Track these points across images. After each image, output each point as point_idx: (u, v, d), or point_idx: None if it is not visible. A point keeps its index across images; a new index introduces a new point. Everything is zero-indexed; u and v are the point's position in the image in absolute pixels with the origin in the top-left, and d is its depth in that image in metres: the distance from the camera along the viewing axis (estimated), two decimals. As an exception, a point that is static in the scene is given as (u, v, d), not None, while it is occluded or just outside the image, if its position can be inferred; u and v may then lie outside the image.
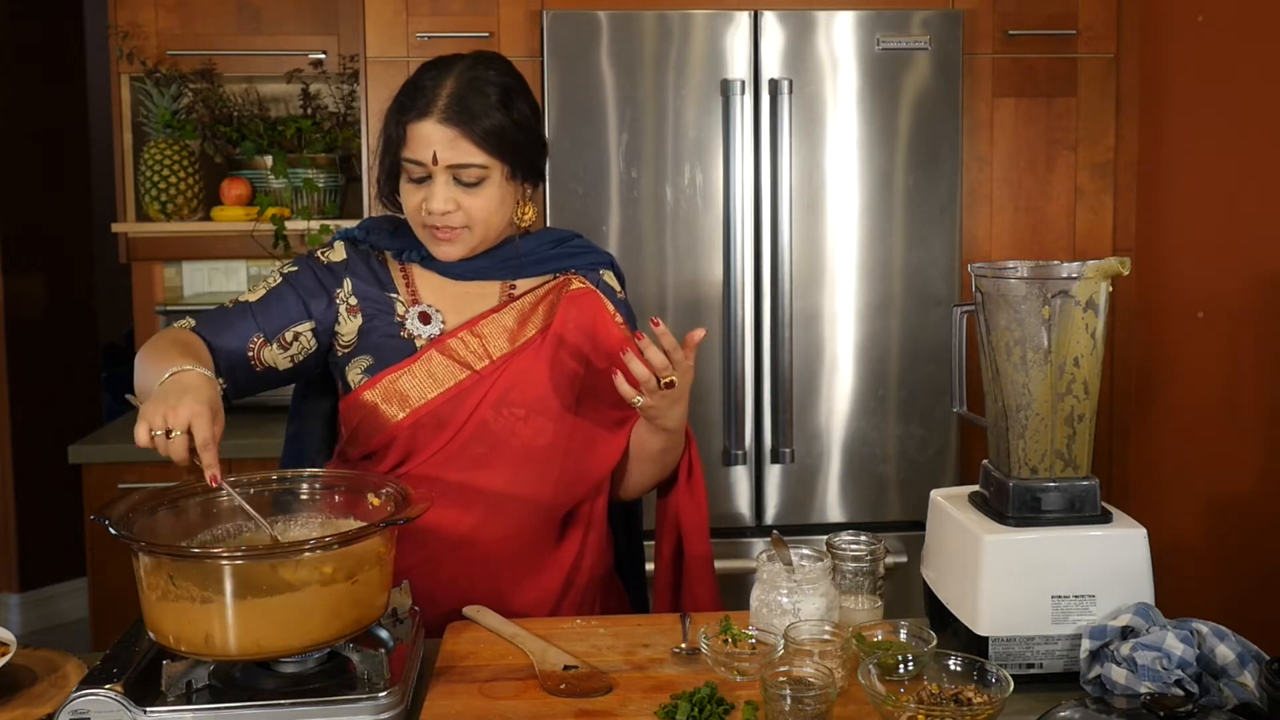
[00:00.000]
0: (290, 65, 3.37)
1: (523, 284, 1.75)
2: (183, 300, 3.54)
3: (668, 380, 1.53)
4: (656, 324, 1.51)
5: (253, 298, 1.69)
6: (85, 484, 3.02)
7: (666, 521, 1.79)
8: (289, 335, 1.67)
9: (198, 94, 3.36)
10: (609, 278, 1.81)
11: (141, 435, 1.35)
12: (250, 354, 1.65)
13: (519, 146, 1.65)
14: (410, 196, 1.65)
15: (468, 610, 1.57)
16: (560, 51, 2.79)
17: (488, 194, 1.64)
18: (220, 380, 1.59)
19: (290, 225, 3.31)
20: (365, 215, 3.07)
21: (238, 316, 1.66)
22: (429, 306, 1.71)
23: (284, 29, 3.37)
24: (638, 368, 1.52)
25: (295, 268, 1.72)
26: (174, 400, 1.36)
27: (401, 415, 1.65)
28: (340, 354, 1.71)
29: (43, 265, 4.44)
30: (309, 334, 1.68)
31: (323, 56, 3.35)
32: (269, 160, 3.36)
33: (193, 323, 1.66)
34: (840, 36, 2.83)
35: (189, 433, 1.35)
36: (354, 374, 1.69)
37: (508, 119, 1.63)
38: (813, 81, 2.83)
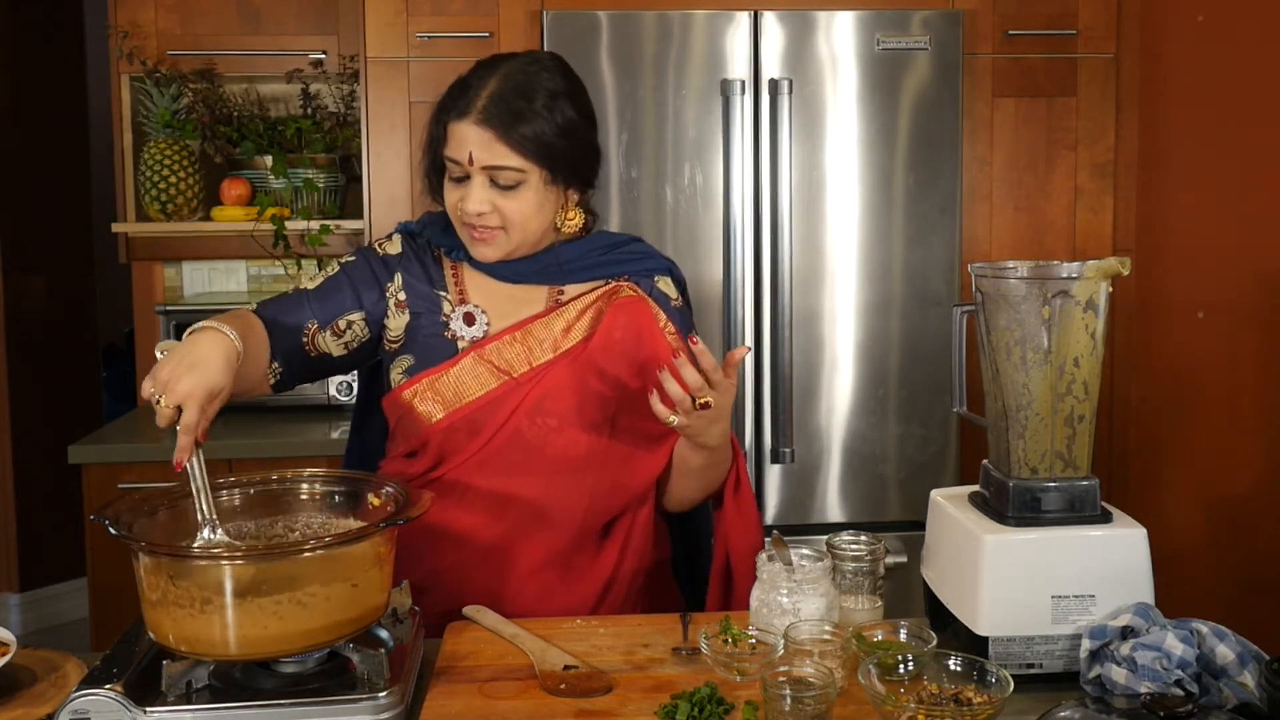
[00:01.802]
0: (290, 65, 3.36)
1: (571, 289, 1.72)
2: (183, 300, 3.54)
3: (703, 401, 1.49)
4: (695, 342, 1.48)
5: (311, 285, 1.70)
6: (85, 484, 3.01)
7: (718, 535, 1.75)
8: (342, 323, 1.69)
9: (198, 94, 3.36)
10: (664, 284, 1.77)
11: (145, 389, 1.39)
12: (305, 340, 1.67)
13: (560, 151, 1.62)
14: (449, 194, 1.65)
15: (468, 610, 1.57)
16: (560, 51, 2.76)
17: (525, 197, 1.62)
18: (275, 364, 1.63)
19: (290, 225, 3.31)
20: (366, 215, 3.08)
21: (294, 303, 1.68)
22: (475, 307, 1.70)
23: (284, 29, 3.37)
24: (673, 388, 1.48)
25: (353, 259, 1.74)
26: (181, 371, 1.38)
27: (437, 417, 1.65)
28: (388, 349, 1.72)
29: (43, 265, 4.45)
30: (361, 322, 1.70)
31: (323, 56, 3.35)
32: (269, 160, 3.36)
33: (254, 306, 1.68)
34: (840, 36, 2.83)
35: (179, 409, 1.37)
36: (396, 373, 1.70)
37: (550, 123, 1.60)
38: (813, 81, 2.83)
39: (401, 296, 1.71)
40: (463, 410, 1.64)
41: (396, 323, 1.71)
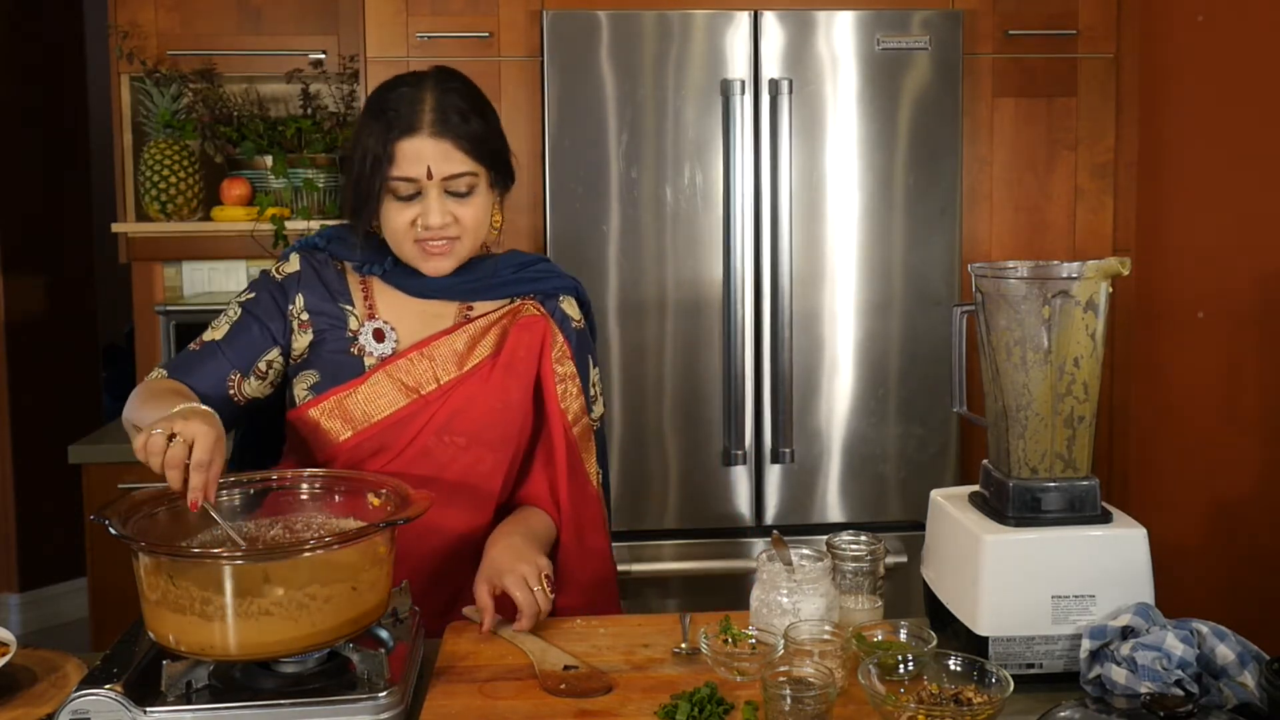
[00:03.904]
0: (290, 65, 3.36)
1: (480, 306, 1.74)
2: (183, 300, 3.54)
3: (549, 596, 1.53)
4: (484, 628, 1.50)
5: (218, 335, 1.67)
6: (85, 484, 3.02)
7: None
8: (263, 365, 1.68)
9: (198, 94, 3.36)
10: (568, 305, 1.79)
11: (141, 438, 1.34)
12: (231, 391, 1.65)
13: (500, 153, 1.68)
14: (398, 215, 1.63)
15: (468, 610, 1.57)
16: (560, 51, 2.79)
17: (477, 202, 1.65)
18: None
19: (290, 225, 3.31)
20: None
21: (208, 357, 1.65)
22: (385, 323, 1.70)
23: (284, 29, 3.37)
24: (528, 622, 1.52)
25: (252, 294, 1.71)
26: (186, 416, 1.35)
27: (344, 436, 1.65)
28: (291, 364, 1.71)
29: (43, 265, 4.44)
30: (279, 357, 1.69)
31: (323, 56, 3.35)
32: (269, 160, 3.35)
33: (164, 372, 1.64)
34: (840, 36, 2.83)
35: (190, 447, 1.32)
36: (300, 389, 1.68)
37: (488, 127, 1.65)
38: (813, 81, 2.83)
39: (304, 317, 1.70)
40: (371, 430, 1.64)
41: (300, 341, 1.69)
